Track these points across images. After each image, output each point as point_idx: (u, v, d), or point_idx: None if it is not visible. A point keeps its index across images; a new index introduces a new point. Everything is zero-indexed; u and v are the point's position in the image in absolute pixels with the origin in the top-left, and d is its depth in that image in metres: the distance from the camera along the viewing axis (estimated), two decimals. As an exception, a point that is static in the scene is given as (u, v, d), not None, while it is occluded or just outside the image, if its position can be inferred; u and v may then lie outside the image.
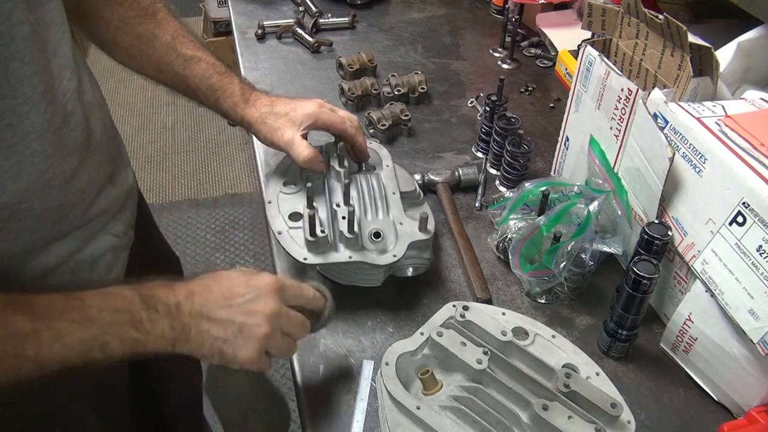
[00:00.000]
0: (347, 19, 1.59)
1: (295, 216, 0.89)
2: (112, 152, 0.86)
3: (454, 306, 0.78)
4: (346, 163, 0.95)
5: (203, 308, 0.66)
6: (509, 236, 0.94)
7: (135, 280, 0.66)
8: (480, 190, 1.10)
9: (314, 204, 0.88)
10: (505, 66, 1.48)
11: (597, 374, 0.72)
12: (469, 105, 1.34)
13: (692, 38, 0.82)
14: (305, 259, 0.83)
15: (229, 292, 0.68)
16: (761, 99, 0.81)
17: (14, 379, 0.58)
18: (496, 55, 1.52)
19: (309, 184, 0.87)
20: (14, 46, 0.60)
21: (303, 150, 0.89)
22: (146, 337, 0.63)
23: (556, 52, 1.46)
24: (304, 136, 0.91)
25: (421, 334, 0.75)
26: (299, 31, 1.52)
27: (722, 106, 0.79)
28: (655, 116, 0.81)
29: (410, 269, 0.91)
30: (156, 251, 1.15)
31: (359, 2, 1.69)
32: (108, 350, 0.61)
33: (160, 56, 0.89)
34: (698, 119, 0.76)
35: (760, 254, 0.67)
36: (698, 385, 0.82)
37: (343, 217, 0.85)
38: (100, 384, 0.90)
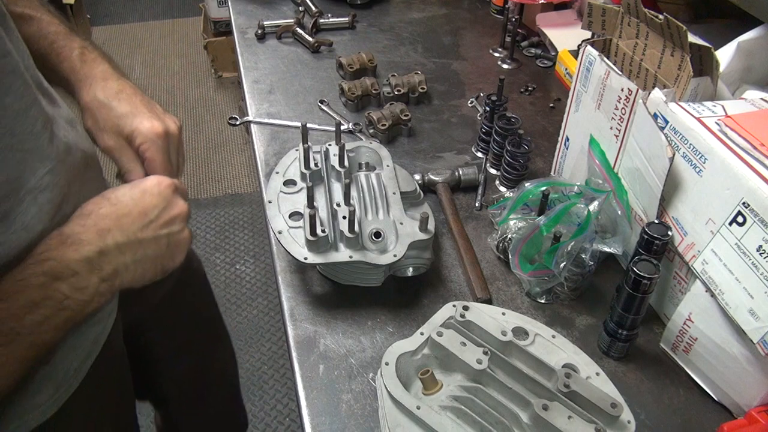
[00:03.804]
0: (347, 19, 1.59)
1: (295, 215, 0.89)
2: (98, 164, 0.80)
3: (454, 306, 0.78)
4: (346, 163, 0.95)
5: (129, 237, 0.62)
6: (509, 236, 0.94)
7: (25, 258, 0.58)
8: (480, 190, 1.10)
9: (314, 203, 0.88)
10: (505, 66, 1.48)
11: (597, 374, 0.72)
12: (469, 105, 1.34)
13: (692, 38, 0.82)
14: (306, 258, 0.83)
15: (141, 208, 0.65)
16: (761, 99, 0.81)
17: None
18: (496, 55, 1.52)
19: (309, 184, 0.87)
20: (8, 79, 0.56)
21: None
22: (80, 307, 0.58)
23: (556, 52, 1.46)
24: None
25: (421, 334, 0.75)
26: (299, 31, 1.52)
27: (722, 106, 0.79)
28: (655, 116, 0.81)
29: (410, 269, 0.91)
30: None
31: (359, 2, 1.69)
32: (46, 347, 0.57)
33: None
34: (698, 119, 0.76)
35: (760, 254, 0.67)
36: (698, 385, 0.82)
37: (344, 217, 0.85)
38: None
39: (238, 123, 1.29)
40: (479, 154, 1.20)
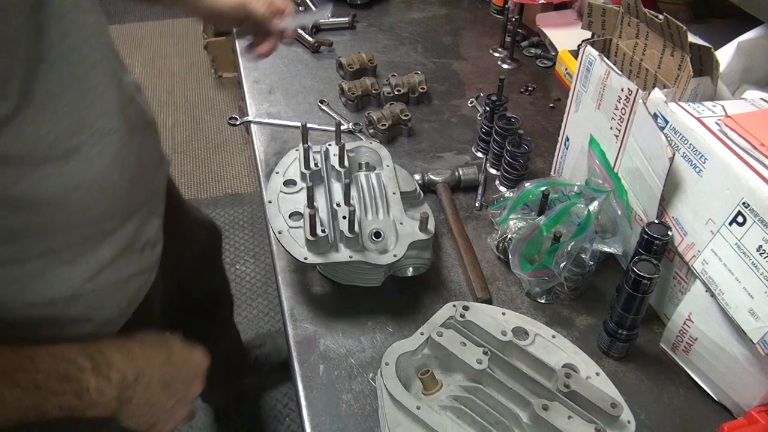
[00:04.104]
0: (347, 19, 1.59)
1: (295, 215, 0.89)
2: (156, 130, 0.87)
3: (454, 306, 0.78)
4: (346, 163, 0.95)
5: (160, 381, 0.69)
6: (509, 236, 0.94)
7: (93, 338, 0.65)
8: (480, 190, 1.10)
9: (314, 203, 0.88)
10: (505, 66, 1.48)
11: (597, 374, 0.72)
12: (469, 105, 1.34)
13: (692, 38, 0.82)
14: (306, 258, 0.83)
15: (183, 365, 0.74)
16: (761, 99, 0.81)
17: None
18: (496, 55, 1.52)
19: (309, 184, 0.87)
20: (85, 32, 0.62)
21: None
22: (88, 407, 0.61)
23: (556, 52, 1.46)
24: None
25: (421, 334, 0.75)
26: (299, 31, 1.52)
27: (722, 106, 0.79)
28: (655, 116, 0.81)
29: (410, 269, 0.91)
30: (186, 221, 1.15)
31: (359, 2, 1.69)
32: (42, 414, 0.59)
33: None
34: (698, 119, 0.76)
35: (760, 254, 0.67)
36: (698, 385, 0.82)
37: (344, 217, 0.85)
38: None
39: (238, 123, 1.29)
40: (479, 154, 1.20)
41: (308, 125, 1.15)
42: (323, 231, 0.84)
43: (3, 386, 0.56)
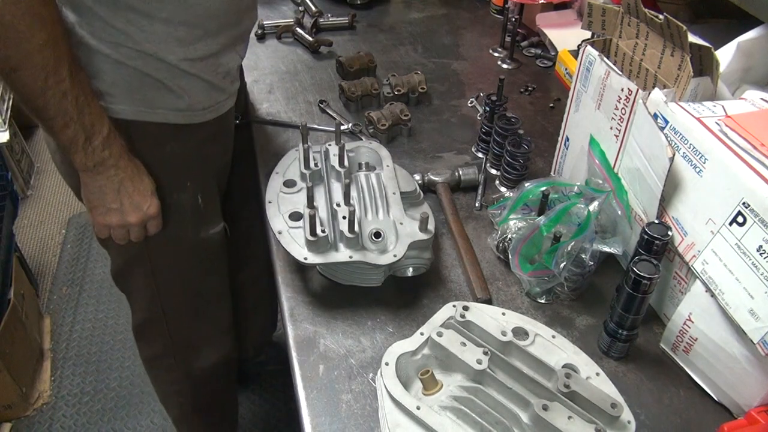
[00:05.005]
0: (347, 19, 1.59)
1: (295, 215, 0.89)
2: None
3: (454, 306, 0.78)
4: (346, 163, 0.95)
5: (121, 183, 0.91)
6: (509, 236, 0.94)
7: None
8: (480, 190, 1.10)
9: (314, 204, 0.88)
10: (505, 66, 1.48)
11: (597, 374, 0.72)
12: (469, 105, 1.34)
13: (692, 38, 0.82)
14: (305, 258, 0.83)
15: (139, 192, 0.94)
16: (761, 99, 0.81)
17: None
18: (496, 55, 1.52)
19: (309, 184, 0.87)
20: None
21: None
22: (70, 130, 0.83)
23: (556, 52, 1.46)
24: None
25: (421, 334, 0.75)
26: (299, 31, 1.52)
27: (722, 106, 0.79)
28: (655, 116, 0.81)
29: (410, 269, 0.91)
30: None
31: (359, 2, 1.69)
32: (45, 91, 0.78)
33: None
34: (698, 119, 0.76)
35: (760, 254, 0.67)
36: (698, 385, 0.82)
37: (344, 217, 0.85)
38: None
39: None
40: (479, 154, 1.20)
41: (308, 125, 1.15)
42: (323, 231, 0.84)
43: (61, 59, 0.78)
